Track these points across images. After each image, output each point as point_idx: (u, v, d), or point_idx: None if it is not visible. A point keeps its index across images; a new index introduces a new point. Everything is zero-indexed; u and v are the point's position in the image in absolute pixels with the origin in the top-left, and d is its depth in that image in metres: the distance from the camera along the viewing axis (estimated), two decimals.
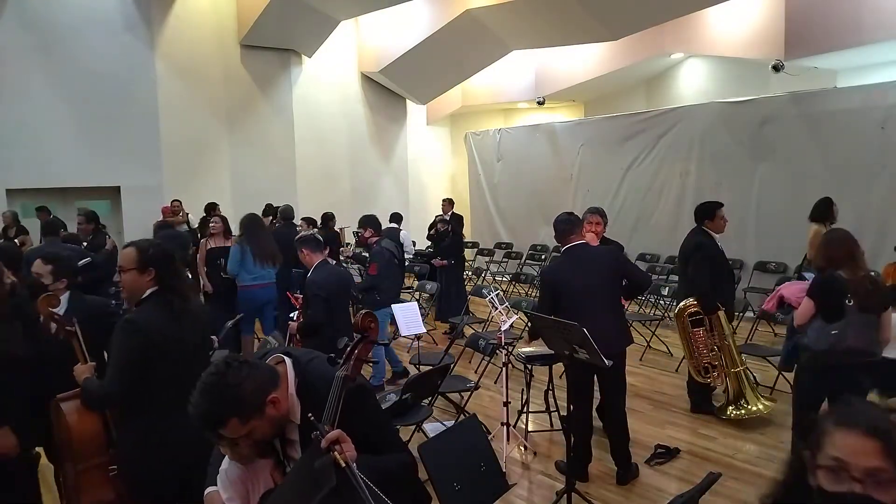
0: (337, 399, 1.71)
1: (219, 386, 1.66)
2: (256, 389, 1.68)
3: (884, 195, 7.22)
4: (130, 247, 2.65)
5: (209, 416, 1.65)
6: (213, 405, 1.65)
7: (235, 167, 12.13)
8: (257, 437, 1.71)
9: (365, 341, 1.80)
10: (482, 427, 3.29)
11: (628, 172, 10.16)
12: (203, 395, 1.66)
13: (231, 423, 1.65)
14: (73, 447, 2.55)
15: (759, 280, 8.47)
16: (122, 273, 2.65)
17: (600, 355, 3.37)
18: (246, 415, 1.66)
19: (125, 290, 2.66)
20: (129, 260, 2.61)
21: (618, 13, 9.72)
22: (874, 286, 3.56)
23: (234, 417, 1.64)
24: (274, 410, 1.71)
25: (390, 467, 1.79)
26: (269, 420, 1.71)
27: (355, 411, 1.77)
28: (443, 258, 8.23)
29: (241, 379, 1.67)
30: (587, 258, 4.02)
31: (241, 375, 1.67)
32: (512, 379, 4.72)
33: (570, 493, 3.60)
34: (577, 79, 13.17)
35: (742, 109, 8.74)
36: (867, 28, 8.78)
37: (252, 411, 1.66)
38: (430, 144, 15.53)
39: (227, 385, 1.65)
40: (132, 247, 2.66)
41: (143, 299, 2.60)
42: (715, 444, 4.59)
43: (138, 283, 2.59)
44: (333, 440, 1.57)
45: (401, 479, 1.85)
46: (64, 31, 10.13)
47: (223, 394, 1.64)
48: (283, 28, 11.54)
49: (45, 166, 10.00)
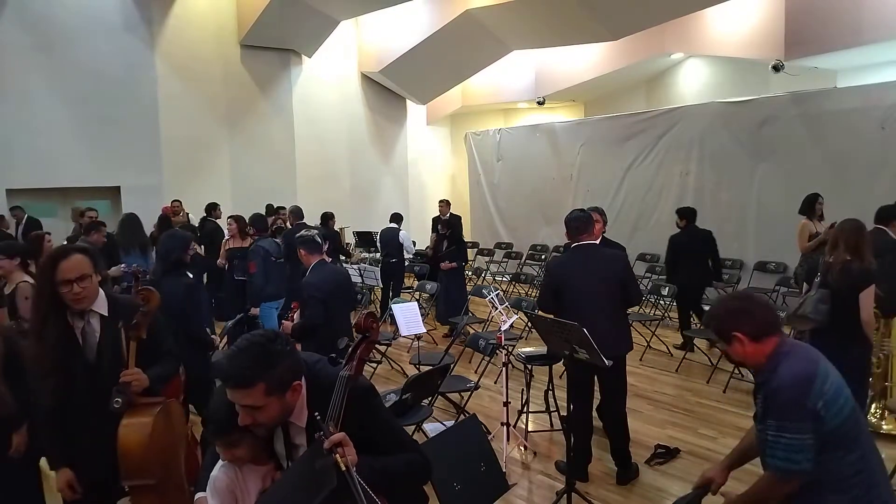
0: (341, 399, 1.72)
1: (263, 348, 1.68)
2: (291, 368, 1.71)
3: (884, 195, 7.20)
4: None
5: (244, 371, 1.65)
6: (251, 362, 1.65)
7: (235, 167, 12.13)
8: (263, 419, 1.71)
9: (367, 341, 1.81)
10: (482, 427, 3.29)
11: (628, 172, 10.16)
12: (244, 352, 1.68)
13: (257, 388, 1.64)
14: (119, 462, 2.43)
15: (759, 280, 8.47)
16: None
17: (600, 355, 3.37)
18: (273, 387, 1.67)
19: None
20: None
21: (618, 13, 9.72)
22: (846, 272, 3.86)
23: (264, 383, 1.65)
24: (293, 397, 1.73)
25: (396, 468, 1.78)
26: (283, 405, 1.72)
27: (361, 412, 1.77)
28: (450, 261, 8.17)
29: (285, 352, 1.70)
30: (596, 259, 3.99)
31: (285, 349, 1.71)
32: (512, 379, 4.72)
33: (570, 493, 3.60)
34: (577, 79, 13.17)
35: (742, 109, 8.74)
36: (867, 28, 8.78)
37: (280, 386, 1.68)
38: (430, 144, 15.53)
39: (272, 352, 1.68)
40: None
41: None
42: (715, 444, 4.59)
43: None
44: (337, 442, 1.57)
45: (409, 478, 1.83)
46: (64, 31, 10.13)
47: (266, 357, 1.67)
48: (283, 28, 11.54)
49: (45, 166, 10.00)
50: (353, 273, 7.95)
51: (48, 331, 2.36)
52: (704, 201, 9.18)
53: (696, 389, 5.82)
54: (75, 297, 2.34)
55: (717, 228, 9.00)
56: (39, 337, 2.36)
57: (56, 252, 2.41)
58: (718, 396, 5.59)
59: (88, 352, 2.42)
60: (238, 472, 1.89)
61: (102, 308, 2.47)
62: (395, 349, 7.21)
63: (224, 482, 1.87)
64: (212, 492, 1.88)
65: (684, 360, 6.46)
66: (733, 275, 8.53)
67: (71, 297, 2.34)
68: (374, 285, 8.42)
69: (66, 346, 2.38)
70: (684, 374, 6.23)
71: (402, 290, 9.08)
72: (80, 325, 2.43)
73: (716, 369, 6.10)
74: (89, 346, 2.43)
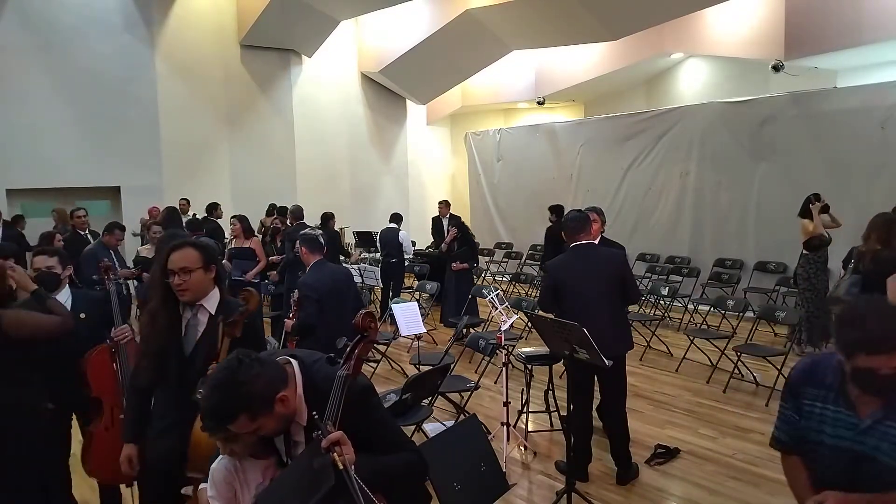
0: (339, 398, 1.71)
1: (231, 382, 1.66)
2: (267, 386, 1.68)
3: (884, 195, 7.21)
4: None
5: (219, 411, 1.65)
6: (224, 401, 1.65)
7: (235, 167, 12.13)
8: (264, 433, 1.72)
9: (365, 341, 1.80)
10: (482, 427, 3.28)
11: (628, 172, 10.16)
12: (214, 391, 1.67)
13: (241, 419, 1.65)
14: (189, 453, 2.40)
15: (758, 280, 8.47)
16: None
17: (600, 355, 3.37)
18: (256, 411, 1.66)
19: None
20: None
21: (618, 13, 9.73)
22: (876, 260, 4.37)
23: (244, 413, 1.65)
24: (283, 408, 1.72)
25: (394, 467, 1.78)
26: (277, 417, 1.71)
27: (359, 411, 1.77)
28: (462, 262, 8.02)
29: (253, 376, 1.67)
30: (594, 259, 4.00)
31: (252, 372, 1.67)
32: (512, 379, 4.71)
33: (570, 493, 3.60)
34: (577, 79, 13.18)
35: (742, 109, 8.73)
36: (867, 28, 8.79)
37: (262, 408, 1.67)
38: (430, 144, 15.54)
39: (239, 382, 1.65)
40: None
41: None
42: (715, 444, 4.59)
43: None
44: (335, 441, 1.57)
45: (406, 478, 1.84)
46: (64, 31, 10.14)
47: (235, 390, 1.64)
48: (283, 28, 11.54)
49: (45, 166, 10.01)
50: (353, 273, 7.94)
51: (161, 315, 2.44)
52: (704, 201, 9.18)
53: (696, 389, 5.82)
54: (177, 288, 2.39)
55: (716, 228, 9.07)
56: (154, 318, 2.45)
57: (173, 244, 2.49)
58: (718, 396, 5.59)
59: (187, 343, 2.45)
60: (237, 465, 1.89)
61: (212, 305, 2.49)
62: (395, 349, 7.20)
63: (222, 474, 1.88)
64: (210, 483, 1.89)
65: (684, 359, 6.46)
66: (733, 275, 8.53)
67: (174, 287, 2.40)
68: (374, 285, 8.42)
69: (169, 333, 2.44)
70: (684, 374, 6.23)
71: (402, 290, 9.08)
72: (187, 317, 2.48)
73: (716, 369, 6.10)
74: (189, 338, 2.46)
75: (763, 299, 8.03)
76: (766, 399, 5.36)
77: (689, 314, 8.24)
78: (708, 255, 9.11)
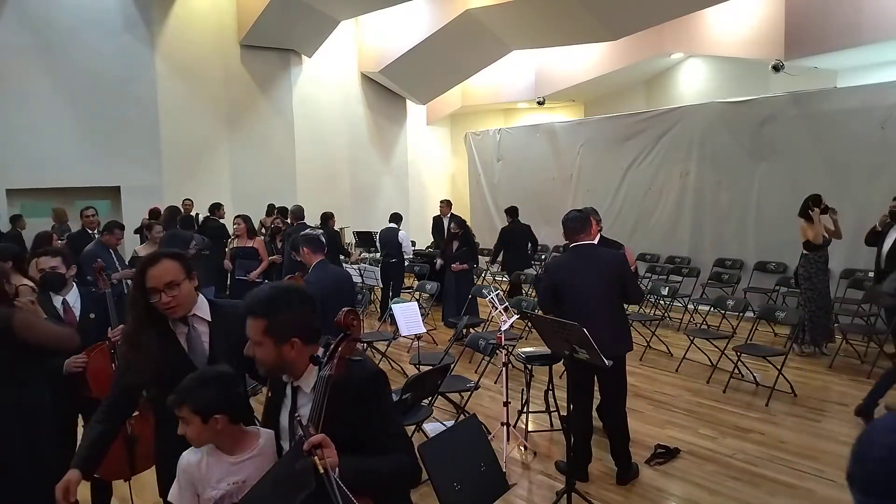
0: (321, 400, 1.69)
1: (281, 291, 1.85)
2: (296, 322, 1.82)
3: (884, 195, 7.21)
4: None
5: (256, 303, 1.82)
6: (266, 298, 1.83)
7: (235, 167, 12.13)
8: (260, 354, 1.82)
9: (347, 339, 1.77)
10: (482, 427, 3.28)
11: (628, 172, 10.16)
12: (269, 288, 1.88)
13: (259, 322, 1.80)
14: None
15: (759, 280, 8.47)
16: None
17: (600, 355, 3.37)
18: (274, 329, 1.80)
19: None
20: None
21: (618, 13, 9.73)
22: None
23: (265, 320, 1.79)
24: (291, 352, 1.80)
25: (382, 470, 1.74)
26: (279, 353, 1.81)
27: (363, 399, 1.76)
28: (461, 262, 7.90)
29: (297, 305, 1.84)
30: (594, 259, 3.99)
31: (300, 304, 1.85)
32: (512, 379, 4.72)
33: (570, 493, 3.60)
34: (577, 79, 13.18)
35: (742, 109, 8.73)
36: (867, 28, 8.78)
37: (280, 332, 1.80)
38: (430, 144, 15.54)
39: (286, 298, 1.83)
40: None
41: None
42: (715, 444, 4.59)
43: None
44: (316, 444, 1.55)
45: (394, 481, 1.80)
46: (64, 31, 10.13)
47: (277, 297, 1.82)
48: (283, 28, 11.54)
49: (45, 166, 10.00)
50: (353, 273, 7.93)
51: (145, 339, 2.18)
52: (704, 201, 9.18)
53: (696, 389, 5.82)
54: (166, 307, 2.16)
55: (717, 228, 9.07)
56: (134, 345, 2.20)
57: (146, 259, 2.24)
58: (718, 396, 5.59)
59: (196, 358, 2.24)
60: (200, 462, 1.93)
61: (204, 312, 2.29)
62: (395, 349, 7.21)
63: (183, 464, 1.94)
64: (178, 470, 1.95)
65: (684, 359, 6.46)
66: (733, 275, 8.53)
67: (162, 307, 2.16)
68: (374, 285, 8.42)
69: (168, 353, 2.20)
70: (684, 374, 6.23)
71: (402, 290, 9.08)
72: (183, 331, 2.26)
73: (716, 369, 6.10)
74: (196, 351, 2.25)
75: (763, 299, 8.03)
76: (766, 399, 5.36)
77: (689, 314, 8.25)
78: (708, 255, 9.12)
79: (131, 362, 2.19)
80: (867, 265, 7.45)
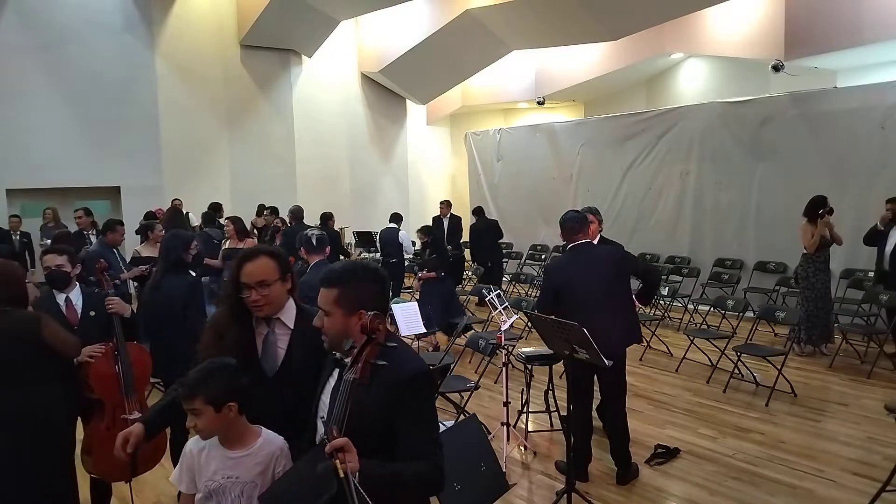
0: (345, 403, 1.68)
1: (357, 265, 1.94)
2: (366, 295, 1.86)
3: (884, 195, 7.21)
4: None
5: (331, 273, 1.90)
6: (340, 269, 1.91)
7: (235, 167, 12.14)
8: (328, 324, 1.86)
9: (372, 343, 1.76)
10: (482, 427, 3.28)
11: (628, 172, 10.16)
12: (346, 262, 1.98)
13: (331, 291, 1.86)
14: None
15: (758, 280, 8.47)
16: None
17: (600, 355, 3.37)
18: (344, 299, 1.84)
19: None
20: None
21: (618, 13, 9.72)
22: None
23: (338, 289, 1.86)
24: (356, 322, 1.80)
25: (405, 477, 1.71)
26: (346, 323, 1.83)
27: (401, 397, 1.74)
28: (429, 270, 7.53)
29: (369, 280, 1.89)
30: (592, 257, 4.01)
31: (372, 280, 1.89)
32: (512, 379, 4.71)
33: (570, 493, 3.59)
34: (577, 79, 13.17)
35: (742, 109, 8.73)
36: (867, 28, 8.78)
37: (349, 302, 1.84)
38: (430, 144, 15.54)
39: (360, 272, 1.90)
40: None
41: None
42: (715, 444, 4.59)
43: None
44: (338, 447, 1.54)
45: (416, 489, 1.77)
46: (64, 31, 10.14)
47: (352, 270, 1.90)
48: (283, 28, 11.54)
49: (45, 166, 10.00)
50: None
51: (230, 333, 2.15)
52: (704, 201, 9.18)
53: (696, 389, 5.81)
54: (254, 304, 2.12)
55: (717, 228, 9.07)
56: (219, 336, 2.16)
57: (245, 252, 2.21)
58: (718, 396, 5.59)
59: (267, 362, 2.17)
60: (203, 451, 1.97)
61: (290, 318, 2.21)
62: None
63: (187, 450, 2.00)
64: (182, 455, 2.01)
65: (684, 359, 6.46)
66: (733, 275, 8.53)
67: (250, 303, 2.12)
68: None
69: (243, 352, 2.13)
70: (684, 374, 6.23)
71: (402, 290, 9.08)
72: (262, 333, 2.19)
73: (716, 369, 6.10)
74: (268, 356, 2.17)
75: (763, 299, 8.03)
76: (766, 399, 5.36)
77: (689, 314, 8.25)
78: (708, 255, 9.12)
79: (208, 350, 2.14)
80: (867, 265, 7.45)
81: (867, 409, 5.13)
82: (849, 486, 3.88)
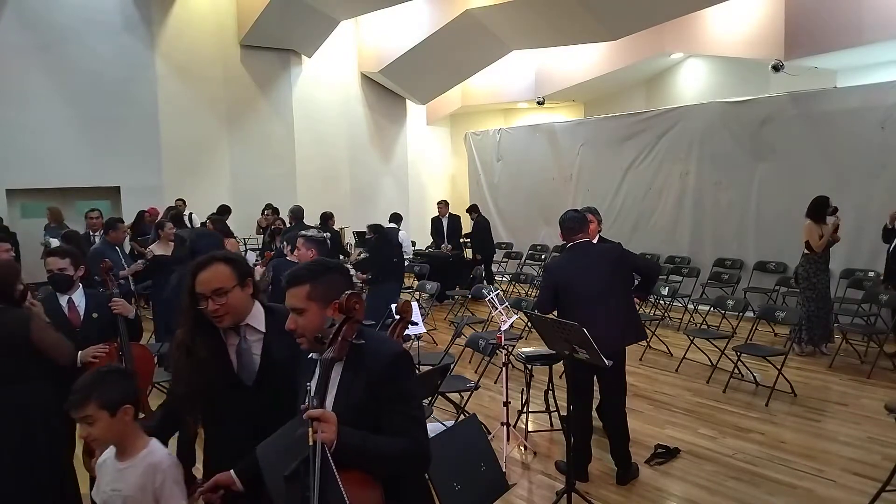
0: (325, 380, 1.72)
1: (318, 261, 1.97)
2: (338, 286, 1.84)
3: (884, 195, 7.22)
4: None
5: (295, 272, 1.87)
6: (304, 267, 1.90)
7: (235, 167, 12.13)
8: (304, 322, 1.83)
9: (350, 322, 1.77)
10: (482, 427, 3.28)
11: (628, 172, 10.16)
12: (307, 262, 2.00)
13: (301, 289, 1.83)
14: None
15: (758, 280, 8.47)
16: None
17: (600, 355, 3.37)
18: (316, 292, 1.83)
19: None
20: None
21: (618, 13, 9.72)
22: None
23: (308, 284, 1.84)
24: (333, 313, 1.78)
25: (386, 451, 1.70)
26: (324, 318, 1.80)
27: (381, 379, 1.74)
28: (362, 272, 7.33)
29: (335, 271, 1.91)
30: (591, 256, 4.02)
31: (338, 272, 1.92)
32: (512, 379, 4.72)
33: (570, 493, 3.60)
34: (576, 79, 13.17)
35: (742, 109, 8.73)
36: (867, 28, 8.77)
37: (323, 294, 1.83)
38: (430, 144, 15.53)
39: (324, 265, 1.92)
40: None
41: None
42: (715, 444, 4.59)
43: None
44: (313, 417, 1.58)
45: (398, 465, 1.75)
46: (64, 31, 10.13)
47: (315, 265, 1.91)
48: (283, 28, 11.54)
49: (45, 166, 10.00)
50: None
51: (197, 347, 2.03)
52: (704, 201, 9.18)
53: (696, 389, 5.82)
54: (213, 315, 2.00)
55: (716, 228, 9.07)
56: (188, 352, 2.04)
57: (198, 261, 2.08)
58: (718, 396, 5.59)
59: (244, 372, 2.07)
60: (104, 462, 1.96)
61: (259, 322, 2.10)
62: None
63: (99, 460, 1.99)
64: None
65: (684, 359, 6.46)
66: (733, 275, 8.53)
67: (209, 314, 2.01)
68: None
69: (216, 363, 2.04)
70: (684, 374, 6.23)
71: (402, 290, 9.07)
72: (234, 343, 2.09)
73: (716, 369, 6.10)
74: (245, 364, 2.07)
75: (763, 299, 8.03)
76: (766, 399, 5.36)
77: (689, 314, 8.24)
78: (708, 255, 9.12)
79: (181, 370, 2.04)
80: (867, 265, 7.45)
81: (867, 409, 5.13)
82: (849, 486, 3.88)
